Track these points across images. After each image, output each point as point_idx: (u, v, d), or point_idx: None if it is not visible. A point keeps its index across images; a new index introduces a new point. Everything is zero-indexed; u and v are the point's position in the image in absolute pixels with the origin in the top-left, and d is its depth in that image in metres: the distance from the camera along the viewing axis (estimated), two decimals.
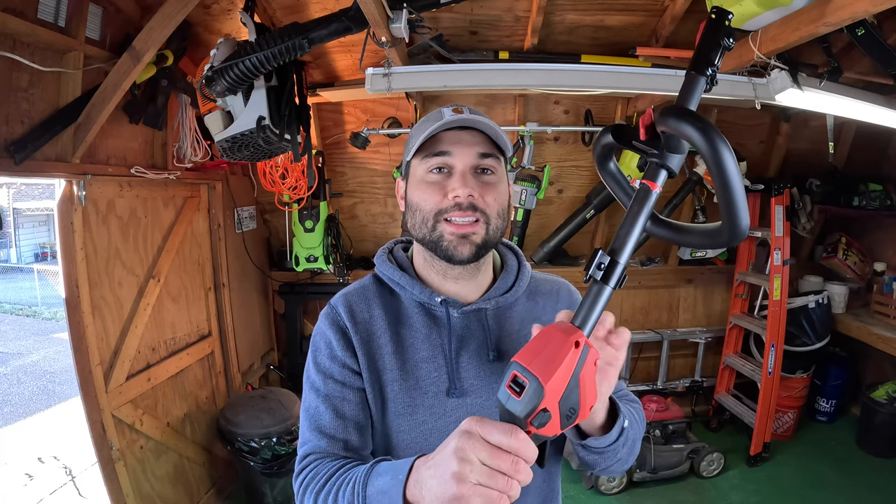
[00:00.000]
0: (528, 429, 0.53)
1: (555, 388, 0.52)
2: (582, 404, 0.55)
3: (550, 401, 0.52)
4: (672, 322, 3.57)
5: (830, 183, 3.20)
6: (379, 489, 0.64)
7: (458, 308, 0.82)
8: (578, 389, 0.54)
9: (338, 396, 0.81)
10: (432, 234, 0.79)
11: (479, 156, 0.79)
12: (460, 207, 0.76)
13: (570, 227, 3.10)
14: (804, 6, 1.54)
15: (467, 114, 0.79)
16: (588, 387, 0.55)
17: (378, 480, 0.65)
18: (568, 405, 0.53)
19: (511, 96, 2.80)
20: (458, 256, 0.78)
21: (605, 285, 0.57)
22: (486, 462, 0.52)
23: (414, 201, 0.81)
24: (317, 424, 0.81)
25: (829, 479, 2.88)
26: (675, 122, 0.55)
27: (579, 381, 0.54)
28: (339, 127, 2.95)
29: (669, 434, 2.91)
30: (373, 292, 0.87)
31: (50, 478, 3.36)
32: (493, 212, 0.79)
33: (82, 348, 1.93)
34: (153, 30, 1.76)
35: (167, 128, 2.30)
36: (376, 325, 0.83)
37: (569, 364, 0.52)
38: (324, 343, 0.84)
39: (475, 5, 2.18)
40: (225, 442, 2.51)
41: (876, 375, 3.37)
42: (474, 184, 0.77)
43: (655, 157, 0.59)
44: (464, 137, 0.79)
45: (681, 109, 0.56)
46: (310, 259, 2.99)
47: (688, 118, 0.54)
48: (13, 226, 14.74)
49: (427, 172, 0.79)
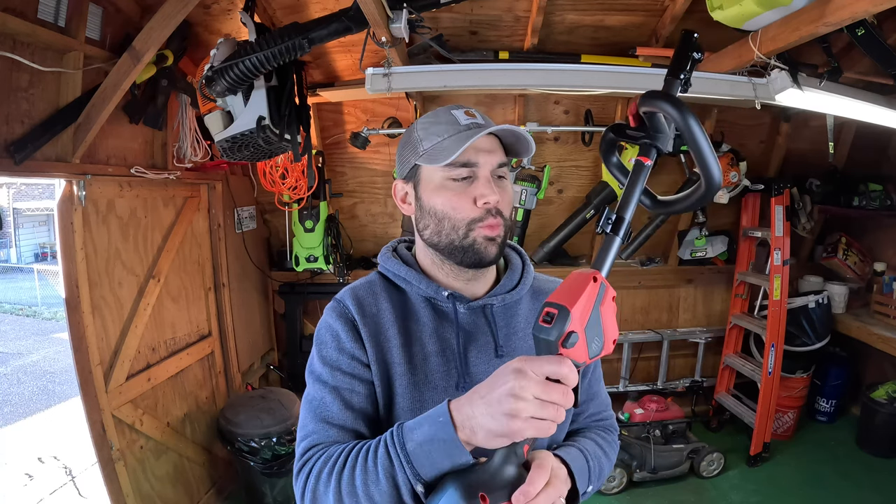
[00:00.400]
0: (560, 351, 0.60)
1: (579, 313, 0.60)
2: (605, 337, 0.63)
3: (577, 324, 0.60)
4: (672, 322, 3.57)
5: (830, 183, 3.19)
6: (423, 439, 0.63)
7: (465, 303, 0.83)
8: (601, 321, 0.62)
9: (346, 388, 0.79)
10: (464, 241, 0.79)
11: (499, 165, 0.81)
12: (491, 214, 0.79)
13: (570, 227, 3.10)
14: (804, 6, 1.54)
15: (480, 118, 0.81)
16: (609, 321, 0.63)
17: (415, 434, 0.64)
18: (593, 334, 0.62)
19: (511, 96, 2.80)
20: (487, 258, 0.80)
21: (615, 236, 0.67)
22: (539, 396, 0.58)
23: (438, 208, 0.80)
24: (323, 416, 0.77)
25: (828, 479, 2.88)
26: (652, 101, 0.68)
27: (601, 314, 0.62)
28: (339, 127, 2.95)
29: (669, 434, 2.91)
30: (380, 287, 0.87)
31: (50, 478, 3.36)
32: (507, 214, 0.82)
33: (82, 348, 1.93)
34: (153, 30, 1.76)
35: (167, 128, 2.30)
36: (384, 319, 0.83)
37: (590, 294, 0.61)
38: (330, 336, 0.82)
39: (475, 5, 2.18)
40: (225, 442, 2.51)
41: (876, 375, 3.36)
42: (497, 189, 0.80)
43: (645, 138, 0.71)
44: (484, 145, 0.79)
45: (655, 91, 0.68)
46: (310, 259, 2.99)
47: (662, 96, 0.67)
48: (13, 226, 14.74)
49: (448, 180, 0.79)
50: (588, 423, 0.97)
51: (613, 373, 3.47)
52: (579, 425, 0.96)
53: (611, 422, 1.00)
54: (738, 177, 2.89)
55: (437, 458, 0.63)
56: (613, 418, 1.01)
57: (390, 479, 0.65)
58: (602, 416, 0.98)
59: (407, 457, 0.64)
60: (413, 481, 0.63)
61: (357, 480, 0.67)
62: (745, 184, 2.99)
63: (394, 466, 0.64)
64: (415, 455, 0.63)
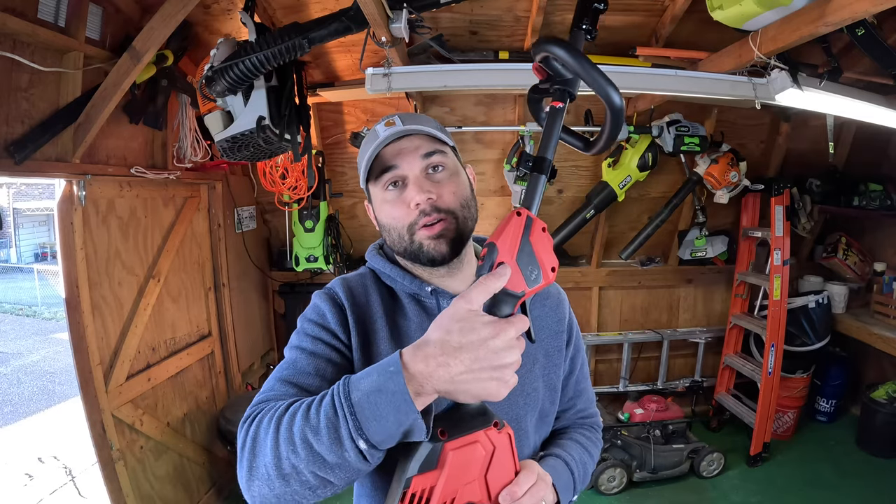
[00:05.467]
0: None
1: (505, 245, 0.62)
2: (543, 266, 0.64)
3: (506, 255, 0.62)
4: (672, 322, 3.57)
5: (830, 183, 3.19)
6: (369, 389, 0.58)
7: (448, 298, 0.84)
8: (533, 251, 0.63)
9: (322, 356, 0.77)
10: (412, 246, 0.81)
11: (423, 157, 0.80)
12: (425, 213, 0.79)
13: (570, 227, 3.10)
14: (804, 6, 1.54)
15: (399, 124, 0.81)
16: (542, 251, 0.64)
17: (362, 383, 0.59)
18: (528, 265, 0.63)
19: (511, 96, 2.80)
20: (438, 256, 0.80)
21: (540, 175, 0.68)
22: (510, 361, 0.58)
23: (384, 222, 0.83)
24: (287, 377, 0.74)
25: (828, 479, 2.88)
26: (538, 47, 0.70)
27: (531, 244, 0.63)
28: (339, 127, 2.95)
29: (669, 434, 2.91)
30: (370, 281, 0.88)
31: (50, 478, 3.36)
32: (456, 205, 0.81)
33: (82, 348, 1.94)
34: (153, 30, 1.76)
35: (167, 128, 2.30)
36: (373, 311, 0.84)
37: (514, 228, 0.62)
38: (316, 314, 0.82)
39: (475, 5, 2.18)
40: (225, 442, 2.51)
41: (876, 375, 3.37)
42: (430, 186, 0.79)
43: (554, 83, 0.73)
44: (404, 146, 0.80)
45: (539, 38, 0.73)
46: (310, 259, 2.99)
47: (543, 41, 0.69)
48: (13, 226, 14.73)
49: (384, 191, 0.82)
50: (574, 419, 1.00)
51: (613, 373, 3.48)
52: (566, 422, 0.99)
53: (595, 419, 1.03)
54: (738, 177, 2.89)
55: (382, 409, 0.57)
56: (598, 415, 1.04)
57: (332, 431, 0.58)
58: (588, 413, 1.01)
59: (351, 407, 0.58)
60: (355, 435, 0.57)
61: (295, 427, 0.60)
62: (745, 184, 2.99)
63: (337, 417, 0.58)
64: (359, 406, 0.57)
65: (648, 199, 3.20)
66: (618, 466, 2.77)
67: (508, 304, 0.62)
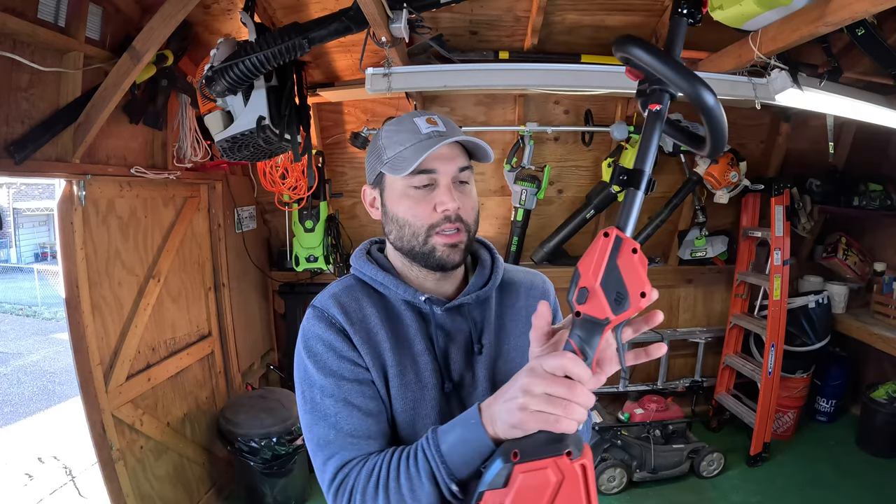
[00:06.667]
0: (576, 308, 0.60)
1: (587, 268, 0.60)
2: (630, 290, 0.60)
3: (588, 280, 0.60)
4: (672, 322, 3.57)
5: (830, 183, 3.19)
6: (456, 441, 0.67)
7: (441, 305, 0.84)
8: (620, 274, 0.60)
9: (357, 394, 0.78)
10: (424, 247, 0.81)
11: (459, 169, 0.82)
12: (449, 220, 0.80)
13: (570, 227, 3.10)
14: (804, 6, 1.54)
15: (441, 125, 0.82)
16: (631, 274, 0.60)
17: (449, 436, 0.68)
18: (613, 289, 0.60)
19: (511, 96, 2.80)
20: (450, 264, 0.82)
21: (635, 191, 0.64)
22: (545, 391, 0.60)
23: (400, 215, 0.83)
24: (344, 430, 0.76)
25: (828, 479, 2.88)
26: (617, 48, 0.68)
27: (618, 266, 0.60)
28: (339, 127, 2.95)
29: (669, 434, 2.91)
30: (359, 291, 0.86)
31: (50, 478, 3.36)
32: (471, 219, 0.84)
33: (82, 348, 1.93)
34: (153, 30, 1.76)
35: (167, 128, 2.30)
36: (372, 323, 0.83)
37: (601, 250, 0.60)
38: (324, 346, 0.80)
39: (475, 5, 2.18)
40: (225, 442, 2.51)
41: (876, 375, 3.36)
42: (458, 196, 0.81)
43: (651, 82, 0.69)
44: (445, 152, 0.81)
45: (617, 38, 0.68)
46: (310, 259, 2.99)
47: (621, 39, 0.67)
48: (13, 226, 14.73)
49: (409, 187, 0.81)
50: None
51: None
52: None
53: None
54: (738, 177, 2.89)
55: (469, 457, 0.66)
56: None
57: (431, 480, 0.68)
58: None
59: (441, 457, 0.67)
60: (448, 481, 0.66)
61: (403, 488, 0.69)
62: (745, 184, 2.99)
63: (431, 467, 0.68)
64: (448, 455, 0.67)
65: (648, 199, 3.12)
66: (618, 466, 2.77)
67: (594, 333, 0.61)
